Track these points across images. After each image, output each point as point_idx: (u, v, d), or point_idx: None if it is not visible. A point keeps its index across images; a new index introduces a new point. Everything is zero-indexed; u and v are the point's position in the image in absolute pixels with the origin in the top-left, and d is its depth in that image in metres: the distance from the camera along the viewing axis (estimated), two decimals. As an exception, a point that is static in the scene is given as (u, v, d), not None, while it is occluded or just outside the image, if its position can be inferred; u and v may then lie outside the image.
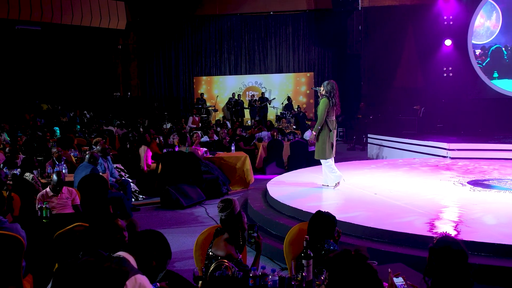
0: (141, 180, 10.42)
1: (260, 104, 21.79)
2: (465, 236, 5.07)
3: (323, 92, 7.89)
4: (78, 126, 17.72)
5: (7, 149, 7.98)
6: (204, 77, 24.19)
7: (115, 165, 9.94)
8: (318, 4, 21.95)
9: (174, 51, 24.16)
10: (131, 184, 9.79)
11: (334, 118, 7.91)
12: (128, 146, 12.81)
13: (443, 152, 11.34)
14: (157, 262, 2.73)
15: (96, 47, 24.11)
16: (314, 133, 7.87)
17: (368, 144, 14.61)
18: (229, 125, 17.77)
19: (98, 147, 8.52)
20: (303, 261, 3.27)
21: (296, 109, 21.80)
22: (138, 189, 9.91)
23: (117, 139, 14.96)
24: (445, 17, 16.22)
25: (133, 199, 9.53)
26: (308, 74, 23.04)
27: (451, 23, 16.13)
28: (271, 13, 22.90)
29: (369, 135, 14.64)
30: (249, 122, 21.91)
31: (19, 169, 7.26)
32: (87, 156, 7.36)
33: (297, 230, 4.25)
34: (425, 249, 5.09)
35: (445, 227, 5.46)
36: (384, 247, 5.30)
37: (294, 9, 22.56)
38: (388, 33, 18.48)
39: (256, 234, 3.79)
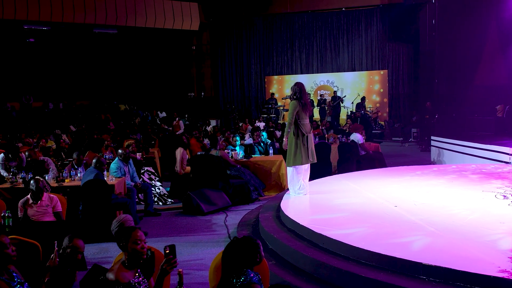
0: (176, 183, 10.28)
1: (333, 103, 21.06)
2: (456, 264, 4.29)
3: (290, 95, 7.48)
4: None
5: (26, 153, 8.10)
6: (275, 77, 23.88)
7: (145, 168, 9.91)
8: (391, -2, 20.84)
9: (246, 50, 24.08)
10: (160, 187, 9.71)
11: (307, 121, 7.39)
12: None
13: (506, 158, 10.13)
14: None
15: (171, 48, 24.62)
16: (286, 139, 7.50)
17: (431, 147, 13.50)
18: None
19: (120, 150, 8.45)
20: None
21: (368, 109, 20.90)
22: (167, 193, 9.77)
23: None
24: (528, 7, 14.61)
25: (160, 203, 9.43)
26: (382, 72, 21.96)
27: (536, 12, 14.50)
28: (343, 9, 22.10)
29: (432, 138, 13.51)
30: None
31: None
32: (93, 160, 7.28)
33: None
34: (411, 277, 4.47)
35: (443, 250, 4.69)
36: (368, 272, 4.62)
37: (367, 5, 21.59)
38: (465, 26, 17.03)
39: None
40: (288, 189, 9.97)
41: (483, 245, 4.89)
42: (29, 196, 5.86)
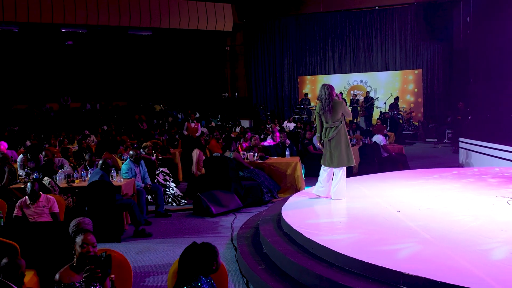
0: (192, 184, 10.34)
1: (365, 104, 20.74)
2: (438, 275, 4.10)
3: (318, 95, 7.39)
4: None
5: (43, 153, 8.32)
6: (308, 77, 23.71)
7: (160, 169, 10.01)
8: (426, -5, 20.34)
9: (278, 50, 24.02)
10: (175, 188, 9.78)
11: (328, 125, 7.17)
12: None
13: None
14: None
15: (204, 49, 24.84)
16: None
17: (460, 149, 13.07)
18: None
19: (131, 151, 8.56)
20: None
21: (402, 109, 20.48)
22: (181, 194, 9.84)
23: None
24: None
25: (174, 204, 9.51)
26: (416, 72, 21.44)
27: None
28: (377, 8, 21.71)
29: (460, 139, 13.08)
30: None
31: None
32: (99, 162, 7.40)
33: (182, 260, 3.72)
34: (391, 286, 4.32)
35: (430, 259, 4.51)
36: (349, 280, 4.49)
37: (401, 3, 21.12)
38: (501, 23, 16.33)
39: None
40: (300, 190, 9.97)
41: (475, 254, 4.67)
42: (26, 196, 6.01)
